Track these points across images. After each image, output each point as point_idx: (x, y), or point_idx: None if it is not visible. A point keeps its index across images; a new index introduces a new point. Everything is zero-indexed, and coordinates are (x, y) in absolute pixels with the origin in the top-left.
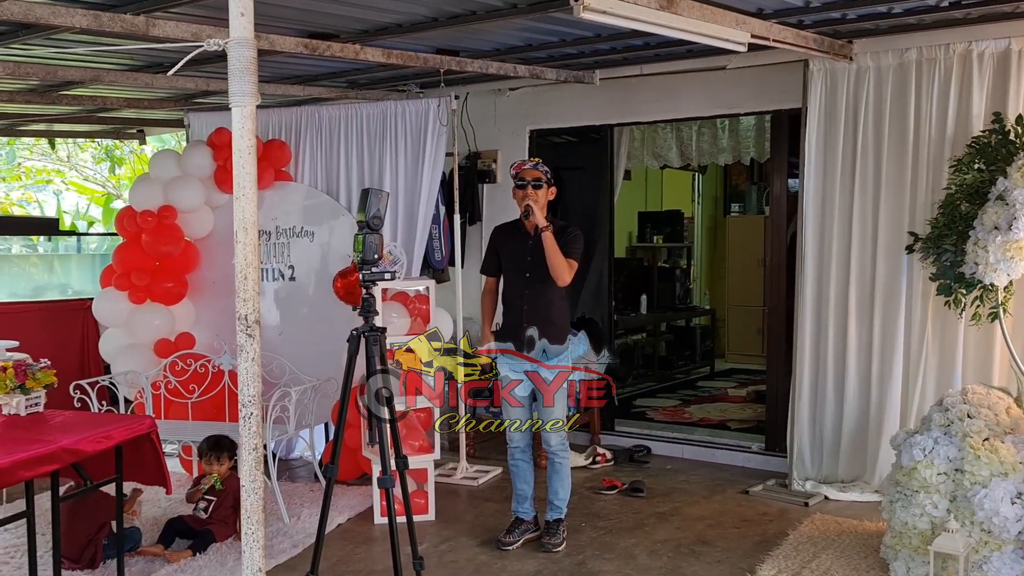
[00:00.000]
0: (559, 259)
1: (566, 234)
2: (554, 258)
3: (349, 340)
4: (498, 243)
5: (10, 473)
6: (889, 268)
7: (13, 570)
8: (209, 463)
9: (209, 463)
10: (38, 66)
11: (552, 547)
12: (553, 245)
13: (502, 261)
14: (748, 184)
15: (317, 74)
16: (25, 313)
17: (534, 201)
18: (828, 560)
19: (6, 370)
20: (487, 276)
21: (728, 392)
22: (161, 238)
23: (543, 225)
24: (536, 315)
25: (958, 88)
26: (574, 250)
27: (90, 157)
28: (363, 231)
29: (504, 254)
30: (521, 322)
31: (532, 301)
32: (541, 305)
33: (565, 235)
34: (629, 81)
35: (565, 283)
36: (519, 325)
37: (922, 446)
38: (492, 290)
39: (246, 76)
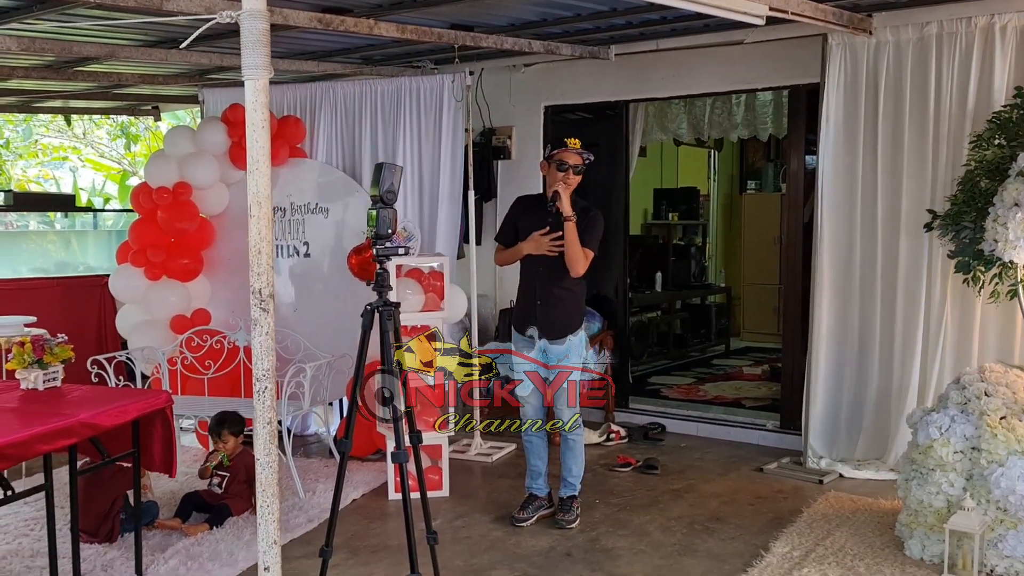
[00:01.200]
0: (577, 250)
1: (586, 218)
2: (572, 249)
3: (363, 315)
4: (518, 215)
5: (28, 447)
6: (907, 246)
7: (33, 542)
8: (215, 441)
9: (215, 441)
10: (54, 42)
11: (566, 523)
12: (574, 235)
13: (520, 234)
14: (764, 161)
15: (331, 50)
16: (43, 289)
17: (567, 186)
18: (842, 537)
19: (24, 345)
20: (502, 244)
21: (743, 370)
22: (176, 215)
23: (568, 213)
24: (550, 295)
25: (979, 62)
26: (592, 238)
27: (105, 134)
28: (376, 206)
29: (522, 227)
30: (535, 300)
31: (547, 281)
32: (556, 286)
33: (585, 219)
34: (645, 57)
35: (578, 274)
36: (532, 304)
37: (938, 424)
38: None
39: (259, 48)
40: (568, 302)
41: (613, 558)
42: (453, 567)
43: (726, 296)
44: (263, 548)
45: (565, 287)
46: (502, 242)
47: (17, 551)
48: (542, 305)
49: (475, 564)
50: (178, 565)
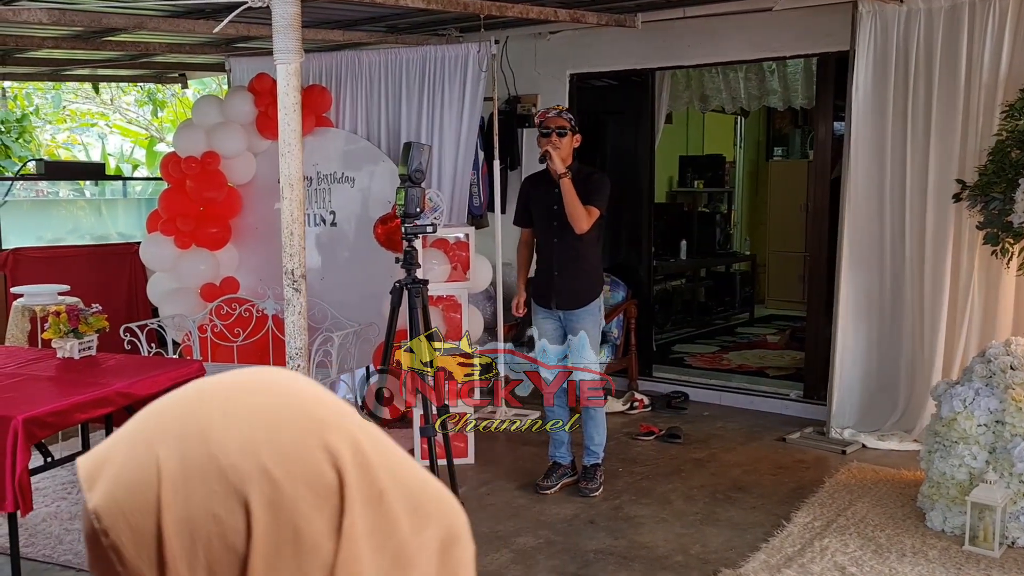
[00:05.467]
0: (576, 206)
1: (590, 181)
2: (571, 205)
3: (392, 292)
4: (527, 193)
5: (67, 415)
6: (935, 216)
7: (71, 505)
8: None
9: None
10: (83, 13)
11: (589, 492)
12: (571, 191)
13: (532, 211)
14: (792, 128)
15: (357, 19)
16: (75, 257)
17: (555, 148)
18: (864, 508)
19: (60, 315)
20: (521, 228)
21: (767, 339)
22: (205, 184)
23: (561, 171)
24: (565, 266)
25: (1013, 30)
26: (597, 198)
27: (133, 100)
28: (405, 184)
29: (533, 204)
30: (552, 272)
31: (561, 251)
32: (570, 255)
33: (589, 182)
34: (671, 24)
35: (582, 231)
36: (550, 275)
37: (962, 397)
38: (527, 242)
39: (290, 33)
40: (584, 271)
41: (635, 526)
42: (478, 533)
43: (751, 264)
44: None
45: (580, 255)
46: (519, 224)
47: (56, 514)
48: (559, 275)
49: (499, 531)
50: None
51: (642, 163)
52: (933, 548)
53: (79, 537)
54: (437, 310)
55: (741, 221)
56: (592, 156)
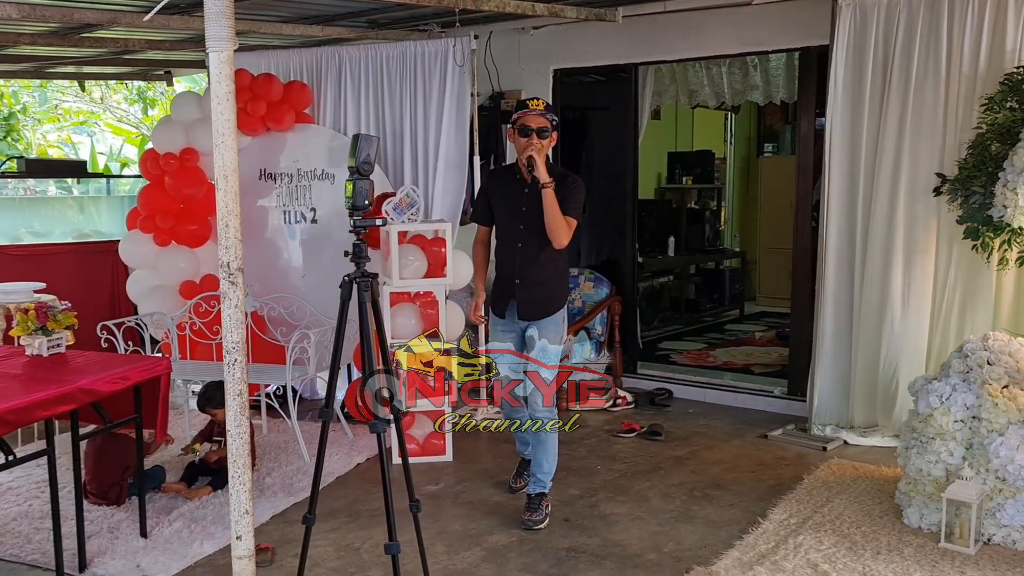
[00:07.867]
0: (558, 220)
1: (565, 185)
2: (553, 219)
3: (341, 286)
4: (489, 189)
5: (28, 412)
6: (916, 210)
7: (43, 504)
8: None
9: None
10: (53, 9)
11: (533, 524)
12: (554, 204)
13: (494, 210)
14: (783, 124)
15: (336, 14)
16: (56, 255)
17: (538, 151)
18: (841, 505)
19: (28, 312)
20: (479, 225)
21: (756, 335)
22: (184, 180)
23: (546, 180)
24: (529, 274)
25: (992, 23)
26: (573, 206)
27: (123, 99)
28: (353, 177)
29: (496, 202)
30: (512, 279)
31: (525, 257)
32: (534, 262)
33: (564, 186)
34: (653, 18)
35: (562, 245)
36: (510, 283)
37: (939, 393)
38: (484, 241)
39: (222, 20)
40: (549, 279)
41: (610, 524)
42: (452, 531)
43: (741, 261)
44: (235, 517)
45: (545, 262)
46: (479, 221)
47: (27, 513)
48: (521, 284)
49: (472, 529)
50: (182, 527)
51: (626, 159)
52: (909, 545)
53: (48, 536)
54: (414, 307)
55: (732, 217)
56: (576, 151)
